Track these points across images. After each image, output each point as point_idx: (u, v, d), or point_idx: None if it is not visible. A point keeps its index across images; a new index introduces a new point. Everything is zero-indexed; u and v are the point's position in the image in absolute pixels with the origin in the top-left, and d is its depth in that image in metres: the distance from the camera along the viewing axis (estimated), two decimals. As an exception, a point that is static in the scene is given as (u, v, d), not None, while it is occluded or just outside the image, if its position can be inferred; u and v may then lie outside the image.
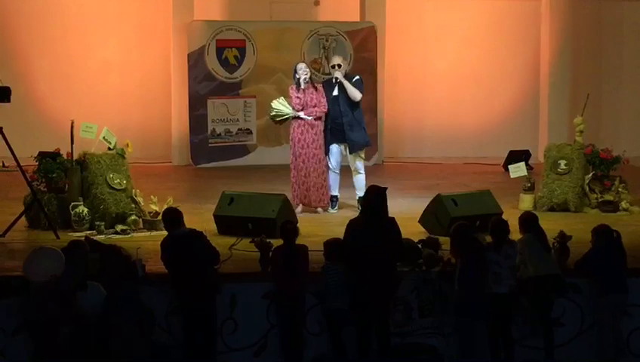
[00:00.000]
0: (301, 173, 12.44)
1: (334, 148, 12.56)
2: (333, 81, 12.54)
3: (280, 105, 12.45)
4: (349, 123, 12.48)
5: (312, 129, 12.46)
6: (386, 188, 9.17)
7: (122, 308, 8.59)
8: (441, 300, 9.29)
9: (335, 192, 12.67)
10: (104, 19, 18.26)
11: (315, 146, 12.47)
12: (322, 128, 12.53)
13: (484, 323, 9.02)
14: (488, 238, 9.32)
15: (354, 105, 12.53)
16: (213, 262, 9.00)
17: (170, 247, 8.91)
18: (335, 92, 12.49)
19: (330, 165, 12.60)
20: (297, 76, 12.41)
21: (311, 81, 12.51)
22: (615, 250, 9.22)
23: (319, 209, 12.52)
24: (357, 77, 12.70)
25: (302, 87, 12.37)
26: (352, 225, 9.02)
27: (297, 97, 12.40)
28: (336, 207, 12.65)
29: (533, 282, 9.03)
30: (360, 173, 12.60)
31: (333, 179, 12.62)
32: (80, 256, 8.83)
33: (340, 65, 12.59)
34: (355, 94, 12.48)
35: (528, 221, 9.40)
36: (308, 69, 12.51)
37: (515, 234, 9.72)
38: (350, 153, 12.58)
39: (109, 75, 18.27)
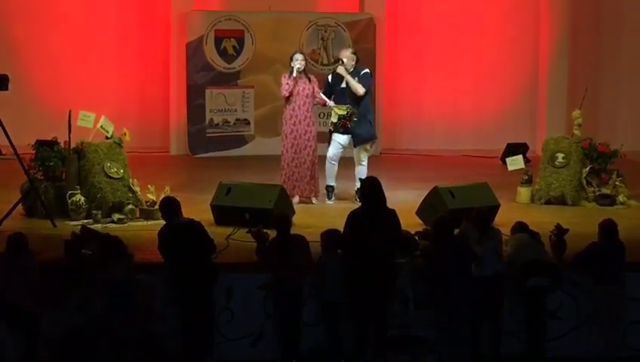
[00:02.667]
0: (292, 165, 12.45)
1: (338, 138, 12.53)
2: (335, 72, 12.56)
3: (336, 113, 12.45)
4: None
5: (305, 120, 12.46)
6: (375, 178, 9.22)
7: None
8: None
9: (331, 182, 12.67)
10: (103, 8, 18.23)
11: (308, 138, 12.47)
12: (314, 120, 12.53)
13: (468, 312, 9.06)
14: None
15: (360, 98, 12.50)
16: (209, 253, 9.00)
17: (168, 237, 8.91)
18: (343, 84, 12.50)
19: (329, 155, 12.59)
20: (292, 64, 12.43)
21: (304, 72, 12.51)
22: (617, 247, 9.22)
23: (314, 199, 12.53)
24: (365, 70, 12.65)
25: (293, 75, 12.38)
26: (352, 216, 9.04)
27: (287, 83, 12.40)
28: (332, 198, 12.64)
29: (524, 269, 9.05)
30: (362, 164, 12.58)
31: (330, 169, 12.60)
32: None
33: (343, 61, 12.55)
34: (357, 89, 12.46)
35: (520, 228, 9.45)
36: (304, 61, 12.51)
37: (508, 227, 9.79)
38: (355, 146, 12.56)
39: (107, 64, 18.23)
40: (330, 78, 12.71)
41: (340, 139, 12.52)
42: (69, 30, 18.07)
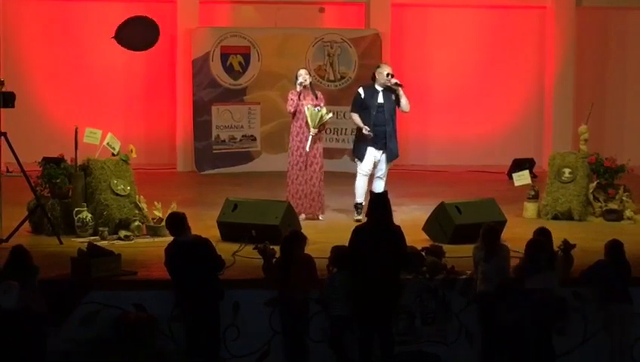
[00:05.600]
0: (296, 182, 12.46)
1: (372, 153, 12.42)
2: (391, 84, 12.39)
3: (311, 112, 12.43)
4: (390, 132, 12.42)
5: (312, 137, 12.48)
6: (386, 192, 9.20)
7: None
8: (444, 308, 9.30)
9: (361, 199, 12.43)
10: (109, 24, 18.24)
11: (314, 155, 12.47)
12: (321, 136, 12.55)
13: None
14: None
15: (395, 114, 12.48)
16: (218, 270, 8.98)
17: (175, 253, 8.88)
18: (380, 99, 12.41)
19: (363, 170, 12.45)
20: (297, 80, 12.46)
21: (311, 88, 12.53)
22: (623, 265, 9.19)
23: (320, 216, 12.53)
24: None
25: (297, 89, 12.41)
26: (357, 231, 9.03)
27: (291, 99, 12.43)
28: (361, 214, 12.48)
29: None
30: (384, 179, 12.53)
31: (363, 184, 12.45)
32: None
33: (393, 75, 12.52)
34: (408, 107, 12.53)
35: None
36: (308, 75, 12.53)
37: (515, 243, 9.78)
38: (387, 161, 12.50)
39: (113, 81, 18.26)
40: (362, 92, 12.52)
41: (376, 154, 12.41)
42: (75, 47, 18.11)
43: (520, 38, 18.89)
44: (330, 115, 12.57)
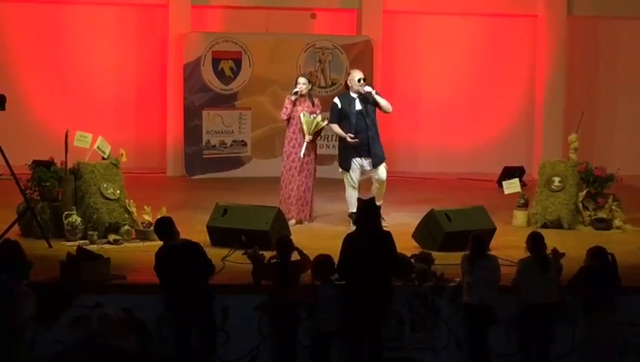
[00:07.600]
0: (289, 187, 12.48)
1: (357, 162, 12.34)
2: (363, 93, 12.23)
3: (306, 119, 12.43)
4: (373, 137, 12.30)
5: (307, 144, 12.47)
6: (373, 198, 9.20)
7: None
8: (433, 315, 9.30)
9: (355, 209, 12.23)
10: (101, 28, 18.26)
11: (306, 161, 12.49)
12: (314, 143, 12.55)
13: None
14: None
15: (375, 119, 12.39)
16: (208, 274, 8.97)
17: (165, 258, 8.85)
18: (358, 106, 12.26)
19: (351, 181, 12.33)
20: (295, 88, 12.46)
21: (309, 96, 12.53)
22: (608, 271, 9.19)
23: (306, 222, 12.52)
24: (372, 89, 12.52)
25: (292, 97, 12.40)
26: (348, 238, 9.03)
27: (285, 107, 12.45)
28: None
29: (528, 310, 9.08)
30: (383, 187, 12.38)
31: (353, 195, 12.27)
32: None
33: (365, 79, 12.45)
34: (389, 107, 12.37)
35: (535, 241, 9.37)
36: (305, 85, 12.52)
37: (504, 250, 9.76)
38: (374, 167, 12.37)
39: (104, 85, 18.26)
40: (338, 101, 12.38)
41: (362, 163, 12.30)
42: (66, 50, 18.10)
43: (511, 46, 18.93)
44: (326, 122, 12.55)
